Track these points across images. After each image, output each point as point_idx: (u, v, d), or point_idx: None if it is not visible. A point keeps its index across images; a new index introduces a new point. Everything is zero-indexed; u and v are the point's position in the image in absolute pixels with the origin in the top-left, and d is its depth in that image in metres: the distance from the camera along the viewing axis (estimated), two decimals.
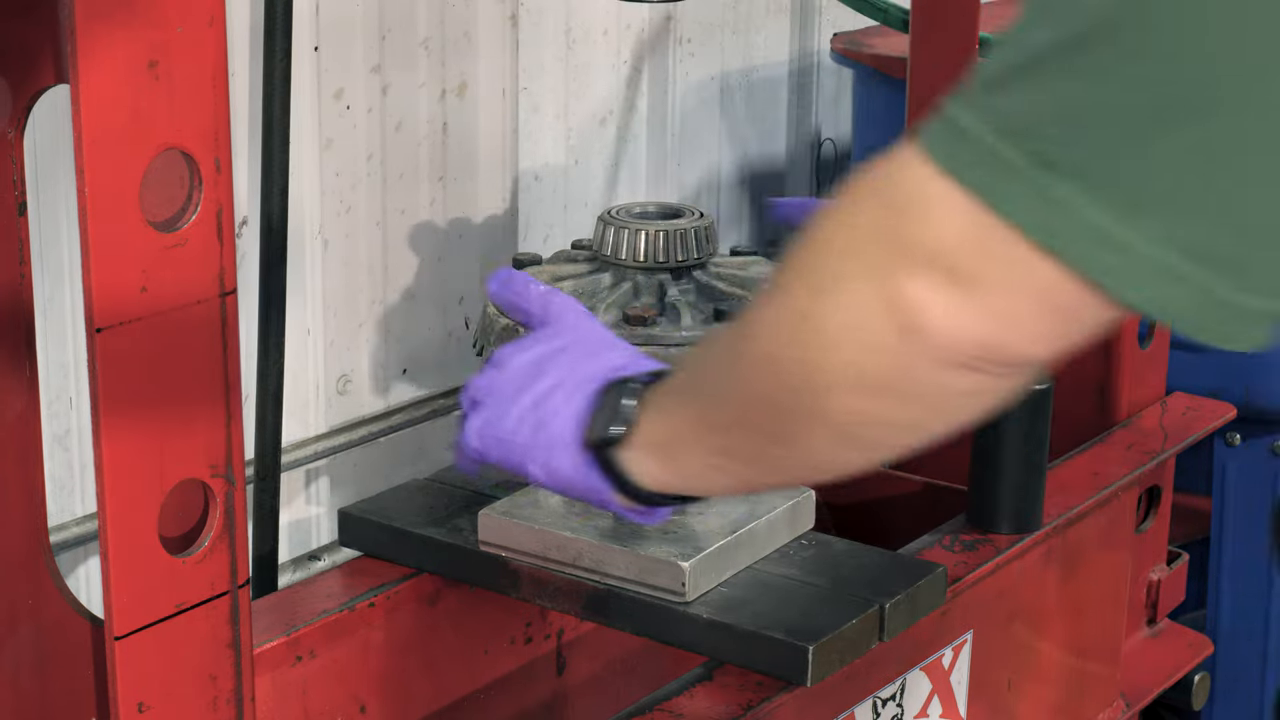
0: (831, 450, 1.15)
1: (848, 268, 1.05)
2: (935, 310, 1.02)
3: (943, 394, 1.07)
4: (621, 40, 2.62)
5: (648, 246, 1.90)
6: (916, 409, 1.09)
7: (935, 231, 1.01)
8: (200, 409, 1.29)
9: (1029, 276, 1.00)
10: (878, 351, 1.05)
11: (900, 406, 1.08)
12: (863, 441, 1.14)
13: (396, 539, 1.84)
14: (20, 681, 1.45)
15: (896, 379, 1.06)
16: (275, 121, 2.00)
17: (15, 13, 1.29)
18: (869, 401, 1.08)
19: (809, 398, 1.10)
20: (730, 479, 1.28)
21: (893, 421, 1.10)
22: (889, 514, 2.32)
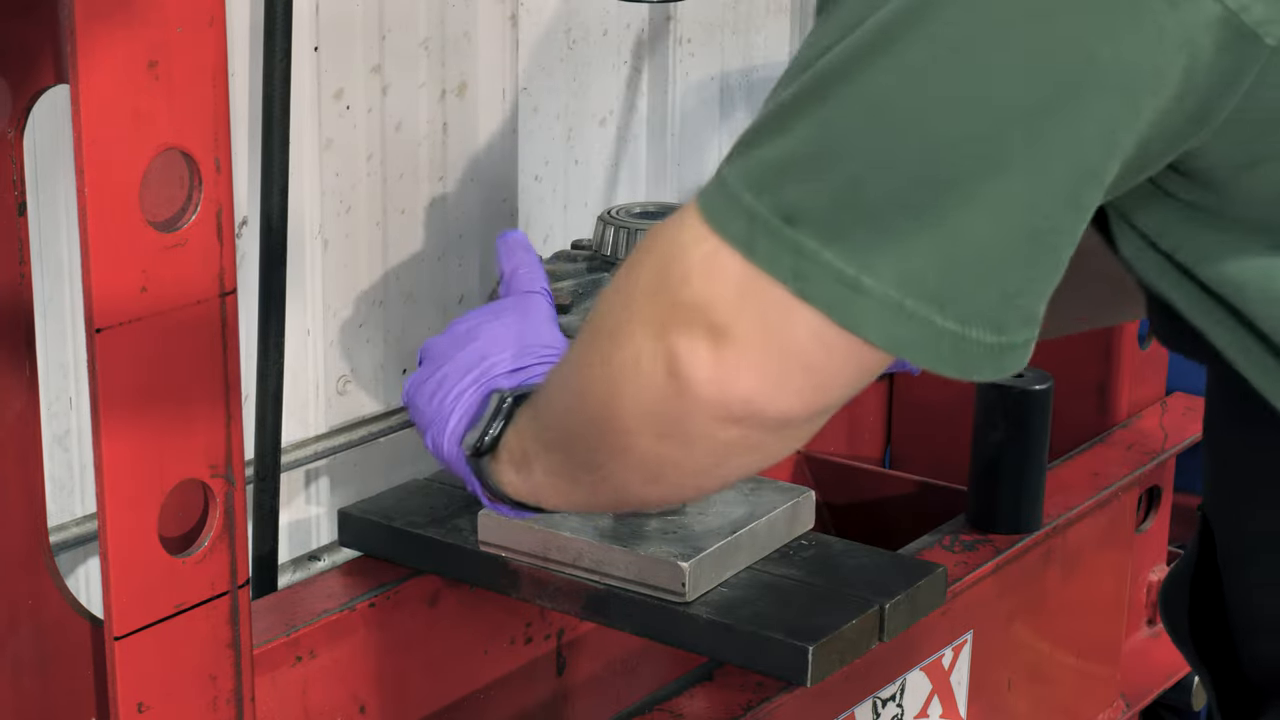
0: (638, 485, 1.21)
1: (631, 319, 1.12)
2: (698, 365, 1.08)
3: (716, 445, 1.13)
4: (621, 40, 2.62)
5: None
6: (699, 456, 1.15)
7: (698, 287, 1.08)
8: (200, 409, 1.29)
9: (783, 326, 1.06)
10: (658, 401, 1.12)
11: (685, 452, 1.14)
12: (663, 480, 1.20)
13: (396, 539, 1.84)
14: (20, 681, 1.45)
15: (677, 428, 1.12)
16: (275, 121, 2.00)
17: (15, 13, 1.29)
18: (659, 445, 1.15)
19: (611, 436, 1.17)
20: (563, 499, 1.36)
21: (682, 465, 1.16)
22: (889, 514, 2.32)
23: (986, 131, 1.03)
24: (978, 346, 1.06)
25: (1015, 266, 1.05)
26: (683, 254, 1.09)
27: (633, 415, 1.14)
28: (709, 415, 1.10)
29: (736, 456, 1.14)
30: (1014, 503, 2.02)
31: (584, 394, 1.18)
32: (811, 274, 1.05)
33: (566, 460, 1.28)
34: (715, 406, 1.09)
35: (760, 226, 1.06)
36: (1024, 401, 2.01)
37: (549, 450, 1.31)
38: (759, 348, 1.07)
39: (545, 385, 1.33)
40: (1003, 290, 1.05)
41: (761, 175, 1.07)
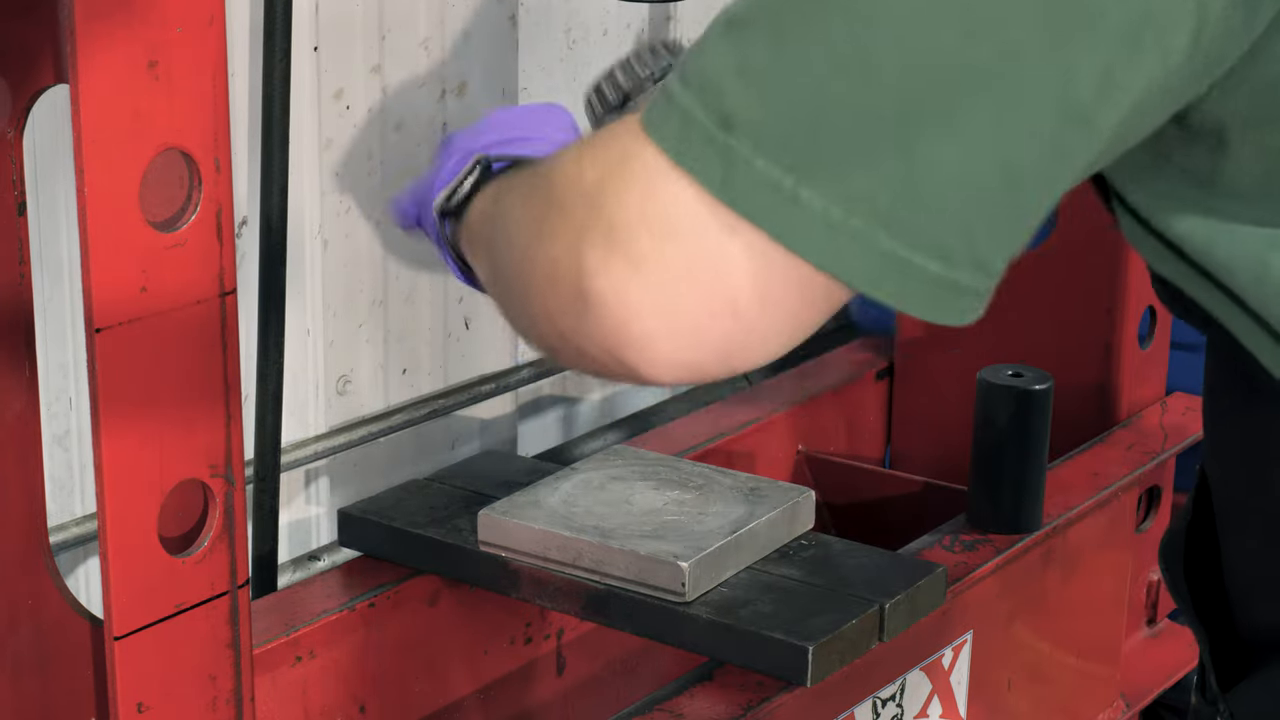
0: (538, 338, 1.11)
1: (559, 221, 1.03)
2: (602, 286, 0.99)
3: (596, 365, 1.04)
4: (621, 40, 2.62)
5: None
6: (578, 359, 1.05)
7: (623, 199, 0.98)
8: (200, 409, 1.29)
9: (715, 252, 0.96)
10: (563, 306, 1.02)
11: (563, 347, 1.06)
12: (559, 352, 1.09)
13: (396, 539, 1.84)
14: (20, 681, 1.45)
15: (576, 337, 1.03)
16: (275, 121, 2.00)
17: (15, 13, 1.29)
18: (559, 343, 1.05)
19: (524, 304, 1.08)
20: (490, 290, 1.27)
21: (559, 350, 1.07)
22: (889, 514, 2.32)
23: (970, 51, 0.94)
24: (922, 274, 0.96)
25: (980, 201, 0.96)
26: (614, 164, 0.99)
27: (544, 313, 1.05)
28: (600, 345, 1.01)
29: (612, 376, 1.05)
30: (1014, 503, 2.01)
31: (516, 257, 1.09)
32: (740, 181, 0.95)
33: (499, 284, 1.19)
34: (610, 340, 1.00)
35: (695, 129, 0.97)
36: (1024, 401, 2.00)
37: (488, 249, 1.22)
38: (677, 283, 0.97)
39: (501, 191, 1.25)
40: (962, 223, 0.96)
41: (705, 76, 0.98)
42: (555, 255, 1.03)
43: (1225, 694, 1.27)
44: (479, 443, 2.47)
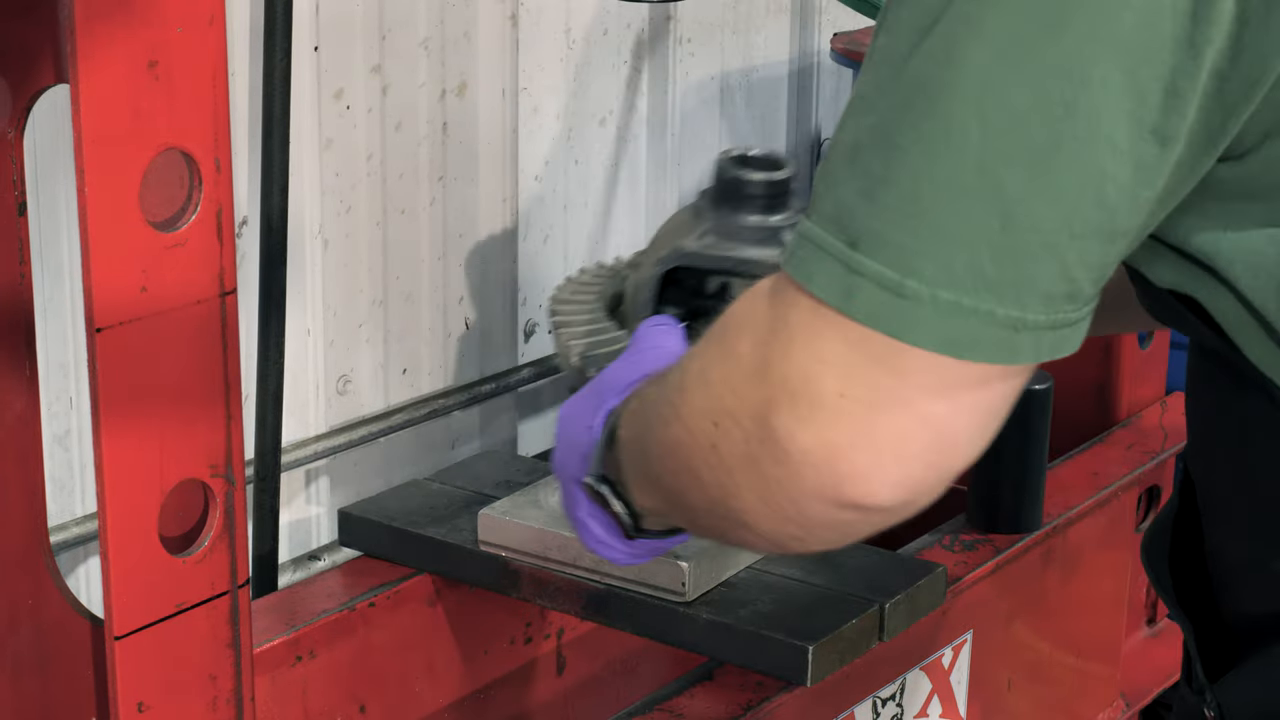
0: (764, 547, 1.17)
1: (735, 403, 1.06)
2: (804, 445, 1.02)
3: (837, 525, 1.07)
4: (621, 40, 2.62)
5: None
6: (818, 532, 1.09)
7: (802, 356, 1.02)
8: (200, 409, 1.29)
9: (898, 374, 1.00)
10: (772, 487, 1.06)
11: (805, 529, 1.09)
12: (788, 548, 1.14)
13: (396, 539, 1.84)
14: (20, 681, 1.45)
15: (795, 512, 1.07)
16: (275, 121, 2.00)
17: (15, 13, 1.29)
18: (781, 526, 1.09)
19: (733, 515, 1.12)
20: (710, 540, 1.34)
21: (809, 539, 1.11)
22: None
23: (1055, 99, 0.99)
24: (1036, 327, 1.01)
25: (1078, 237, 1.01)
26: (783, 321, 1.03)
27: (751, 500, 1.08)
28: (823, 500, 1.04)
29: (857, 531, 1.09)
30: (1014, 503, 2.02)
31: (698, 477, 1.12)
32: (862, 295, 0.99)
33: (695, 525, 1.23)
34: (829, 491, 1.03)
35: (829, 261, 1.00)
36: (1024, 401, 1.99)
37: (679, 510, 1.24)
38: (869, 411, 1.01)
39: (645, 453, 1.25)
40: (1063, 265, 1.01)
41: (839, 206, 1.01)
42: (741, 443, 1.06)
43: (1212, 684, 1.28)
44: (479, 443, 2.47)
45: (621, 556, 1.44)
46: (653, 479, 1.25)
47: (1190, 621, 1.34)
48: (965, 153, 1.00)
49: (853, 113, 1.04)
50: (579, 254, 2.61)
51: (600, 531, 1.41)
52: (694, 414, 1.11)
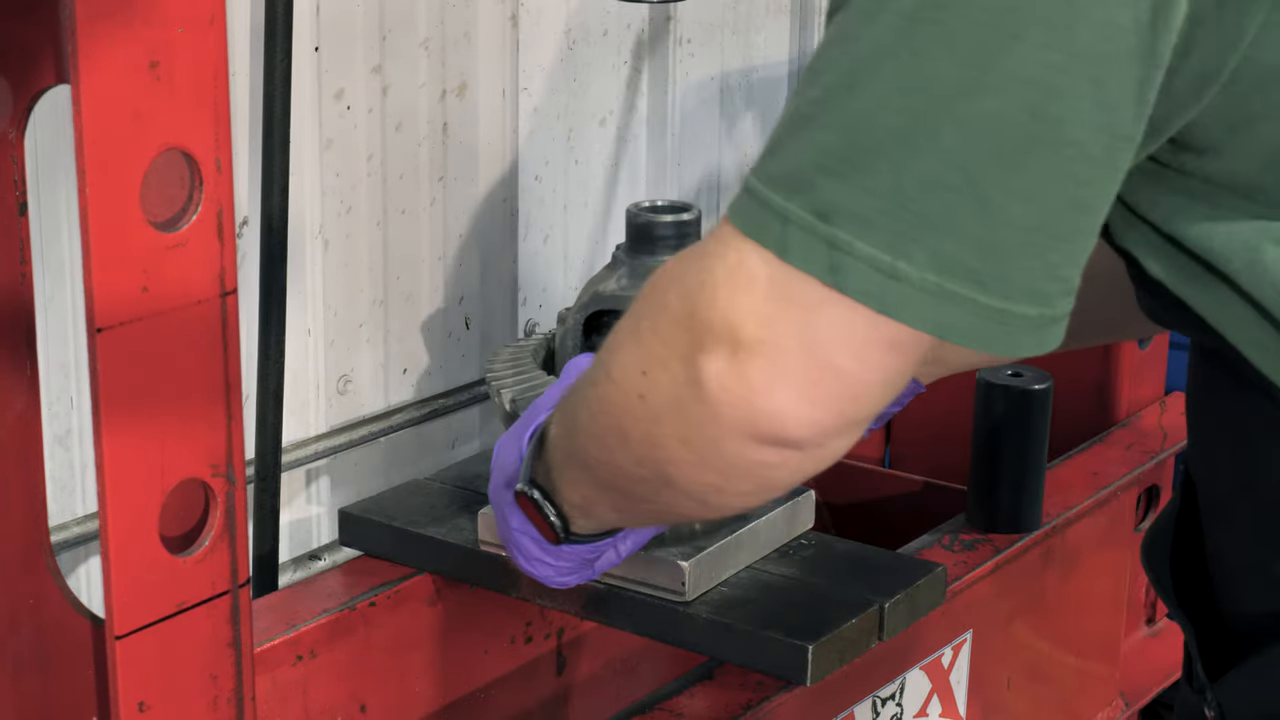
0: (688, 508, 1.22)
1: (662, 349, 1.12)
2: (725, 385, 1.08)
3: (753, 466, 1.12)
4: (621, 40, 2.62)
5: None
6: (738, 480, 1.14)
7: (724, 302, 1.07)
8: (200, 409, 1.29)
9: (815, 329, 1.06)
10: (693, 428, 1.11)
11: (725, 478, 1.14)
12: (711, 506, 1.19)
13: (396, 539, 1.84)
14: (21, 681, 1.45)
15: (714, 455, 1.12)
16: (275, 121, 2.00)
17: (15, 13, 1.29)
18: (702, 473, 1.14)
19: (657, 468, 1.17)
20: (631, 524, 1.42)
21: (727, 490, 1.16)
22: (889, 514, 2.32)
23: (1022, 105, 1.02)
24: (1022, 321, 1.05)
25: (1057, 237, 1.05)
26: (709, 272, 1.09)
27: (674, 447, 1.14)
28: (741, 436, 1.09)
29: (772, 476, 1.14)
30: (1014, 503, 2.02)
31: (626, 434, 1.18)
32: (848, 266, 1.04)
33: (624, 497, 1.28)
34: (745, 425, 1.09)
35: (793, 226, 1.05)
36: (1024, 401, 2.01)
37: (606, 489, 1.31)
38: (788, 356, 1.06)
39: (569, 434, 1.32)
40: (1045, 262, 1.05)
41: (790, 176, 1.06)
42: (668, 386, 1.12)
43: (1213, 683, 1.29)
44: (479, 443, 2.47)
45: (552, 571, 1.50)
46: (580, 459, 1.30)
47: (1191, 622, 1.34)
48: (943, 151, 1.03)
49: (808, 84, 1.08)
50: (579, 254, 2.61)
51: (531, 546, 1.47)
52: (623, 368, 1.16)
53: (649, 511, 1.29)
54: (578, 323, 1.80)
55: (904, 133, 1.03)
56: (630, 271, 1.79)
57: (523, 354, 1.85)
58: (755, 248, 1.06)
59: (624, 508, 1.32)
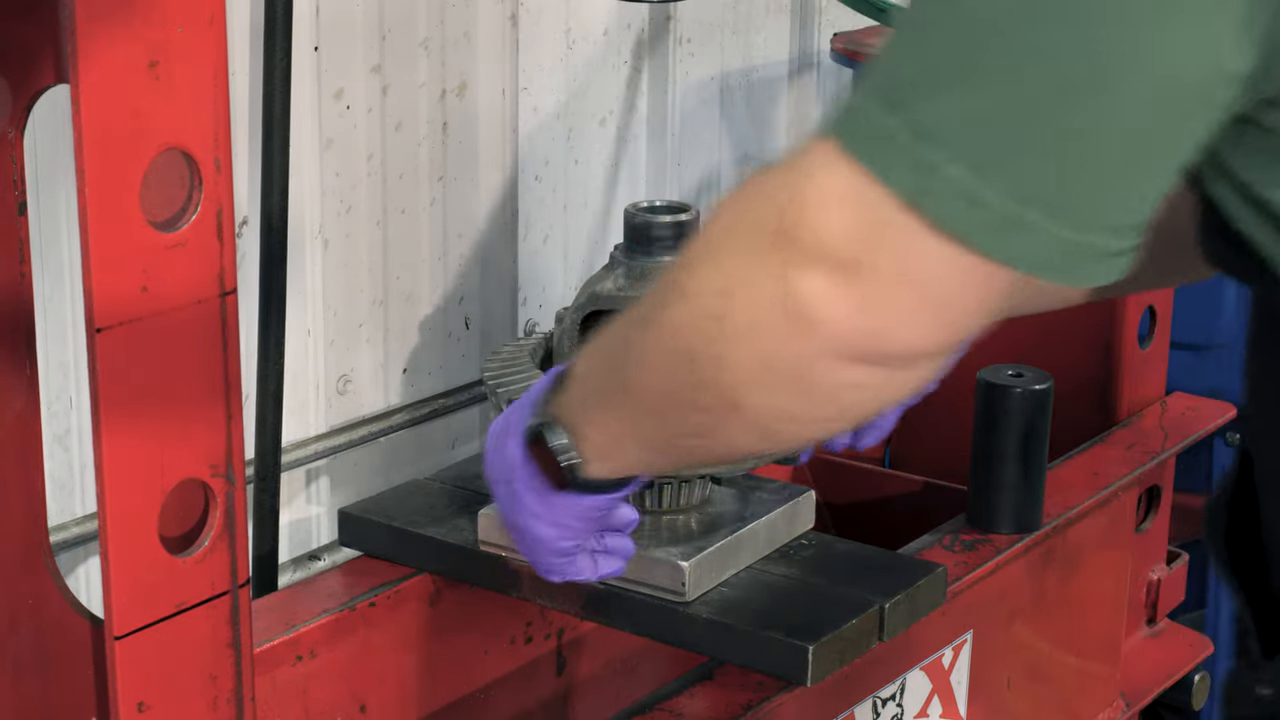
0: (746, 441, 1.19)
1: (746, 267, 1.10)
2: (825, 304, 1.07)
3: (838, 388, 1.11)
4: (621, 40, 2.62)
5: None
6: (817, 403, 1.13)
7: (822, 220, 1.06)
8: (200, 409, 1.29)
9: (910, 250, 1.05)
10: (779, 347, 1.10)
11: (803, 401, 1.13)
12: (774, 435, 1.18)
13: (396, 539, 1.84)
14: (20, 681, 1.45)
15: (797, 374, 1.10)
16: (275, 121, 2.00)
17: (15, 13, 1.29)
18: (776, 396, 1.13)
19: (724, 392, 1.14)
20: (653, 467, 1.38)
21: (798, 416, 1.15)
22: (889, 514, 2.32)
23: (1121, 33, 1.02)
24: (1090, 252, 1.05)
25: (1141, 170, 1.05)
26: (798, 189, 1.07)
27: (749, 369, 1.12)
28: (835, 356, 1.08)
29: (856, 400, 1.13)
30: (1014, 503, 2.01)
31: (691, 356, 1.15)
32: (934, 190, 1.04)
33: (671, 431, 1.25)
34: (842, 345, 1.08)
35: (896, 146, 1.04)
36: (1024, 401, 2.00)
37: (648, 423, 1.27)
38: (890, 278, 1.06)
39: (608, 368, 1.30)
40: (1125, 195, 1.05)
41: (888, 94, 1.05)
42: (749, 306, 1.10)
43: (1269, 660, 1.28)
44: (479, 443, 2.47)
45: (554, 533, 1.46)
46: (623, 392, 1.27)
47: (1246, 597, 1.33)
48: (1035, 75, 1.03)
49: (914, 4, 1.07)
50: (579, 254, 2.61)
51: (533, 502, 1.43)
52: (699, 287, 1.13)
53: (696, 448, 1.25)
54: (574, 322, 1.79)
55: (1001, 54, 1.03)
56: (628, 272, 1.79)
57: (521, 354, 1.84)
58: (850, 165, 1.05)
59: (664, 445, 1.28)
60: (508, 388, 1.77)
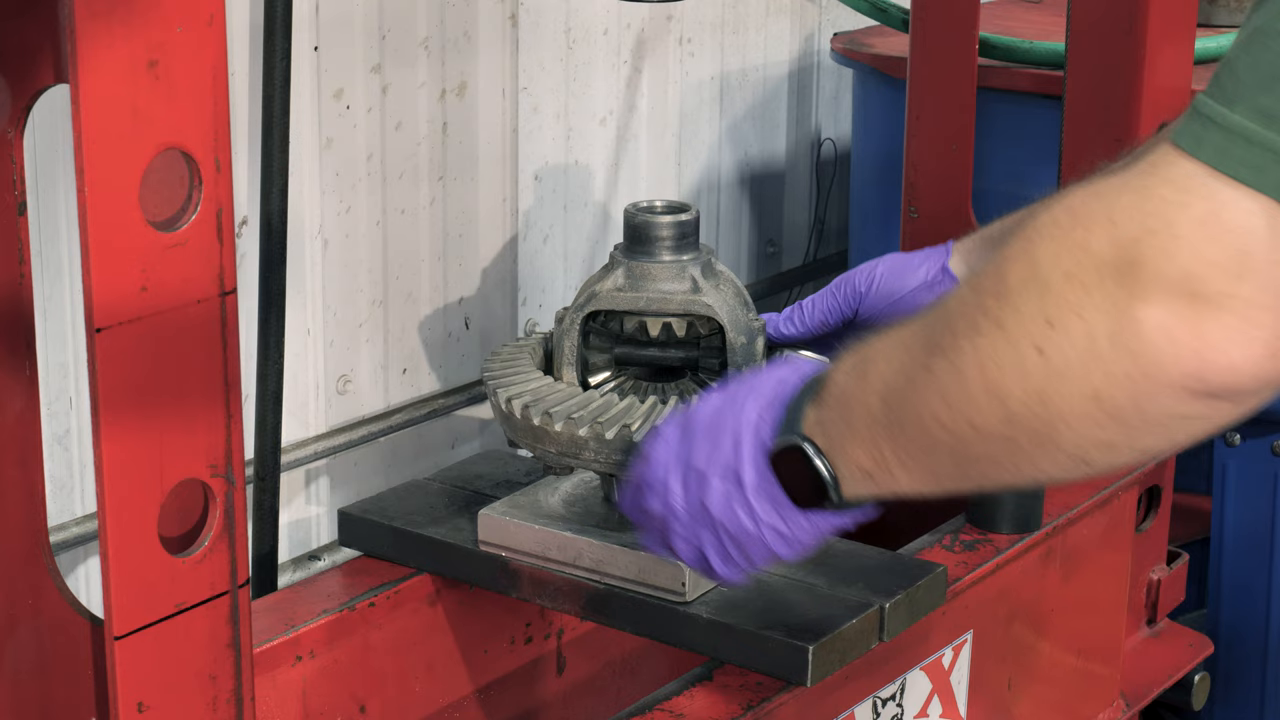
0: (1054, 470, 1.14)
1: (1083, 297, 1.05)
2: (1178, 339, 1.02)
3: (1173, 420, 1.07)
4: (621, 40, 2.62)
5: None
6: (1146, 435, 1.09)
7: (1190, 254, 1.01)
8: (200, 409, 1.29)
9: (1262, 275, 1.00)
10: (1115, 385, 1.05)
11: (1131, 433, 1.08)
12: (1088, 464, 1.13)
13: (396, 539, 1.84)
14: (20, 681, 1.45)
15: (1132, 411, 1.06)
16: (275, 121, 2.00)
17: (15, 13, 1.29)
18: (1102, 431, 1.08)
19: (1041, 427, 1.10)
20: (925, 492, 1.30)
21: (1119, 445, 1.10)
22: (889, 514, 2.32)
23: None
24: None
25: None
26: (1164, 219, 1.02)
27: (1076, 405, 1.07)
28: (1179, 393, 1.04)
29: (1188, 430, 1.09)
30: (1014, 503, 2.01)
31: (1005, 392, 1.10)
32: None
33: (953, 459, 1.20)
34: (1189, 379, 1.03)
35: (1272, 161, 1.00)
36: None
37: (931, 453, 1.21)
38: (1260, 311, 1.01)
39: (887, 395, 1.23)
40: None
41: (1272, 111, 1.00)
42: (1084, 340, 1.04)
43: None
44: (479, 443, 2.47)
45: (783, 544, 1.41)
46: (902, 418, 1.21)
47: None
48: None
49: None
50: (579, 254, 2.61)
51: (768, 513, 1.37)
52: (1022, 317, 1.08)
53: (988, 476, 1.19)
54: (573, 322, 1.79)
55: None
56: (627, 272, 1.79)
57: (520, 354, 1.84)
58: (1242, 193, 1.00)
59: (950, 475, 1.22)
60: (507, 389, 1.77)
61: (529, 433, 1.72)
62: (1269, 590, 2.72)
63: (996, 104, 2.54)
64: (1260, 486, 2.70)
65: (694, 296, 1.77)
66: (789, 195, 3.13)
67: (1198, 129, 1.02)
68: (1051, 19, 2.84)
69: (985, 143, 2.47)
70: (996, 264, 1.11)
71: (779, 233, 3.13)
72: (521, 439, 1.75)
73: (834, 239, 3.27)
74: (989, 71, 2.52)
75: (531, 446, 1.74)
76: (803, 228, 3.20)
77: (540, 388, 1.75)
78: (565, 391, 1.74)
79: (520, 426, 1.73)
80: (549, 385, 1.76)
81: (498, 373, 1.81)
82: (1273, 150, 1.00)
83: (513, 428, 1.75)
